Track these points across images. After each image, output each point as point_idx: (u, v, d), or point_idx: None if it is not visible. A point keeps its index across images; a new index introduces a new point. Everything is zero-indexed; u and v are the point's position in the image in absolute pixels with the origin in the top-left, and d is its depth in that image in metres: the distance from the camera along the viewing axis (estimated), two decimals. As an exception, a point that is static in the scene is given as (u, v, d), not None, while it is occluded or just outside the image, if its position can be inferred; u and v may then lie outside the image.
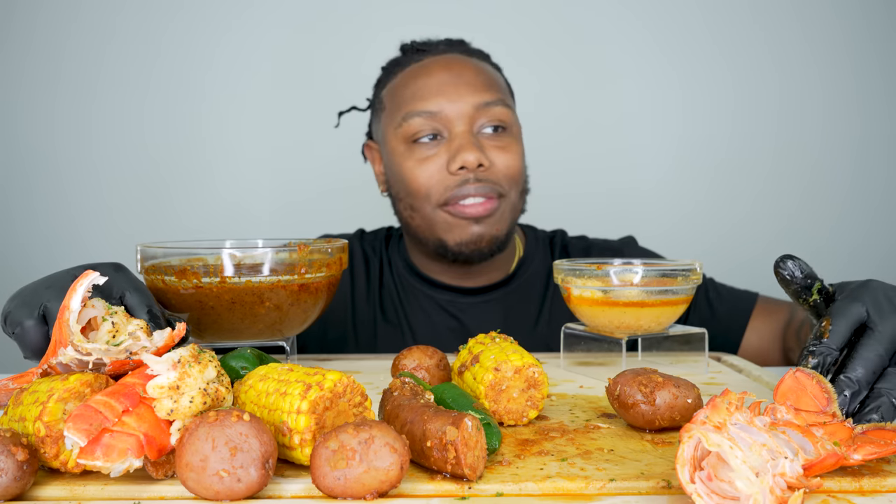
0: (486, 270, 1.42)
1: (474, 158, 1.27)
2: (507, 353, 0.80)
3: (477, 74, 1.34)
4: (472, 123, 1.31)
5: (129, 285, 0.84)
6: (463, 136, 1.30)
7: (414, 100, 1.32)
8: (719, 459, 0.54)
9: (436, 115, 1.30)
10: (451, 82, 1.32)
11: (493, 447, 0.66)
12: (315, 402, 0.62)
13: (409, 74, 1.36)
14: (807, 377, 0.70)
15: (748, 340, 1.36)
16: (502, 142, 1.33)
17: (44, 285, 0.82)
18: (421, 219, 1.35)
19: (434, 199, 1.32)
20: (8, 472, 0.57)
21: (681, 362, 1.11)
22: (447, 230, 1.33)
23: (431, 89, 1.32)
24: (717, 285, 1.43)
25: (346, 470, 0.55)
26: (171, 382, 0.60)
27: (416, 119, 1.31)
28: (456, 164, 1.28)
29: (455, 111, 1.30)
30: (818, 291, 0.79)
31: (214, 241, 1.08)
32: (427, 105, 1.31)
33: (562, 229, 1.57)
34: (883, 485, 0.60)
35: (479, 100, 1.31)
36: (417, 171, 1.32)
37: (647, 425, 0.75)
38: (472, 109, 1.31)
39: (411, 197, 1.34)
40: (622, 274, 1.01)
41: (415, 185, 1.33)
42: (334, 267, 1.02)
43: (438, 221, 1.33)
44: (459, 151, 1.28)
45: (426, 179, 1.31)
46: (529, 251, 1.49)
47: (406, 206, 1.37)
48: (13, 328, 0.79)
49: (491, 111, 1.32)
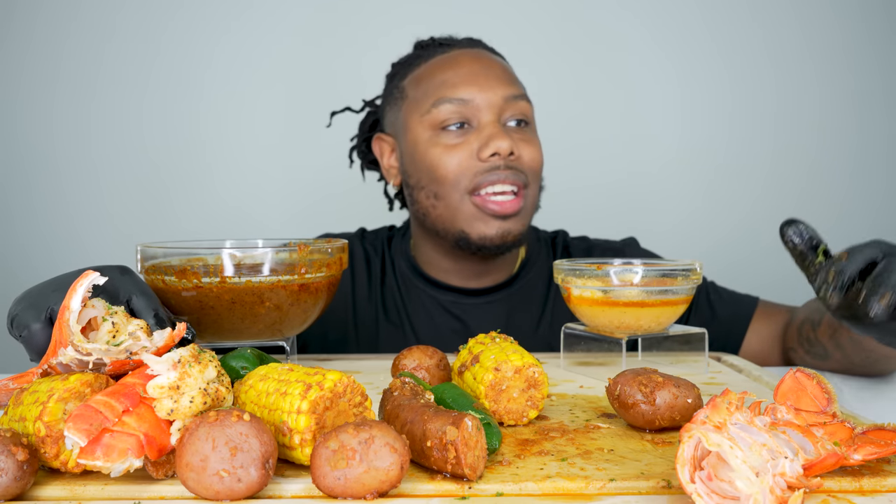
0: (491, 271, 1.42)
1: (507, 146, 1.28)
2: (507, 353, 0.80)
3: (504, 69, 1.38)
4: (500, 114, 1.33)
5: (136, 288, 0.84)
6: (493, 125, 1.31)
7: (444, 87, 1.34)
8: (719, 459, 0.54)
9: (467, 104, 1.32)
10: (481, 73, 1.34)
11: (493, 447, 0.66)
12: (315, 402, 0.62)
13: (435, 64, 1.37)
14: (807, 377, 0.70)
15: (748, 343, 1.36)
16: (526, 135, 1.35)
17: (50, 288, 0.82)
18: (445, 207, 1.34)
19: (463, 186, 1.31)
20: (8, 472, 0.57)
21: (681, 362, 1.11)
22: (471, 222, 1.33)
23: (462, 78, 1.33)
24: (717, 288, 1.44)
25: (347, 470, 0.55)
26: (172, 382, 0.60)
27: (447, 105, 1.32)
28: (489, 151, 1.29)
29: (485, 101, 1.32)
30: (823, 253, 0.79)
31: (214, 242, 1.08)
32: (458, 92, 1.32)
33: (563, 230, 1.57)
34: (883, 485, 0.60)
35: (509, 92, 1.33)
36: (446, 158, 1.32)
37: (647, 425, 0.75)
38: (502, 101, 1.33)
39: (437, 184, 1.33)
40: (622, 274, 1.01)
41: (442, 172, 1.32)
42: (334, 267, 1.02)
43: (464, 211, 1.33)
44: (492, 139, 1.29)
45: (455, 166, 1.31)
46: (532, 252, 1.49)
47: (429, 195, 1.36)
48: (20, 331, 0.79)
49: (518, 105, 1.34)
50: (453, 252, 1.39)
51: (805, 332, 1.21)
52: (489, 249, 1.34)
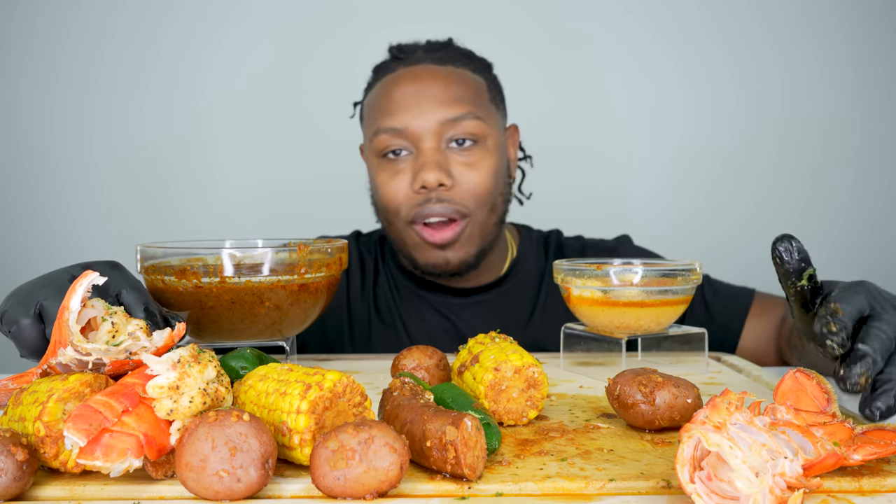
0: (476, 273, 1.43)
1: (434, 178, 1.26)
2: (506, 353, 0.80)
3: (445, 87, 1.31)
4: (438, 139, 1.29)
5: (126, 283, 0.84)
6: (427, 154, 1.28)
7: (382, 115, 1.32)
8: (719, 459, 0.54)
9: (402, 132, 1.29)
10: (415, 97, 1.30)
11: (493, 447, 0.66)
12: (315, 402, 0.62)
13: (381, 87, 1.36)
14: (806, 377, 0.70)
15: (745, 338, 1.36)
16: (471, 157, 1.30)
17: (40, 284, 0.82)
18: (395, 233, 1.37)
19: (402, 216, 1.32)
20: (8, 472, 0.57)
21: (681, 362, 1.11)
22: (417, 249, 1.35)
23: (398, 104, 1.30)
24: (712, 282, 1.43)
25: (346, 470, 0.55)
26: (171, 382, 0.60)
27: (384, 135, 1.31)
28: (417, 184, 1.27)
29: (420, 127, 1.28)
30: (808, 278, 0.78)
31: (214, 241, 1.08)
32: (392, 121, 1.30)
33: (557, 229, 1.57)
34: (883, 485, 0.60)
35: (445, 115, 1.28)
36: (387, 187, 1.32)
37: (646, 425, 0.75)
38: (437, 125, 1.28)
39: (384, 211, 1.36)
40: (622, 274, 1.01)
41: (385, 201, 1.34)
42: (334, 267, 1.02)
43: (408, 239, 1.34)
44: (421, 170, 1.27)
45: (394, 196, 1.32)
46: (523, 251, 1.49)
47: (382, 219, 1.39)
48: (9, 327, 0.79)
49: (458, 126, 1.29)
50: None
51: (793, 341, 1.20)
52: (434, 275, 1.36)
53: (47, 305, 0.79)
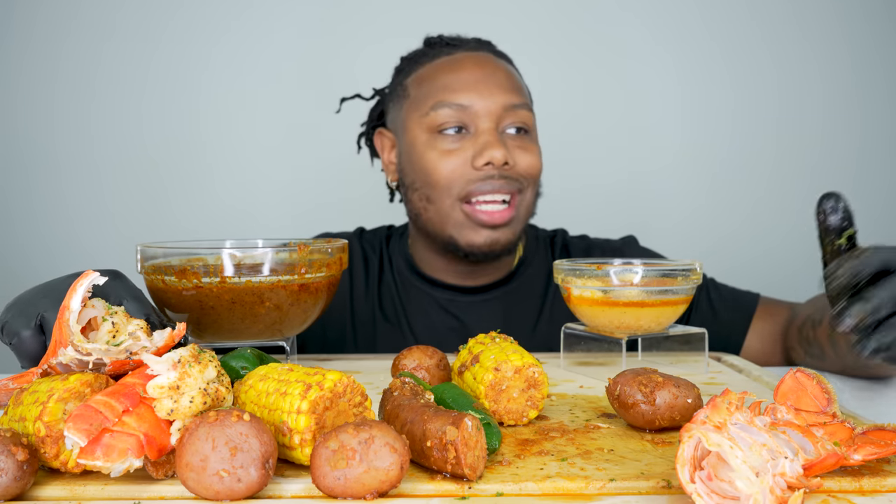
0: (488, 270, 1.42)
1: (501, 155, 1.28)
2: (507, 353, 0.80)
3: (507, 76, 1.36)
4: (498, 122, 1.32)
5: (128, 293, 0.84)
6: (490, 133, 1.31)
7: (444, 91, 1.33)
8: (719, 459, 0.54)
9: (465, 109, 1.31)
10: (483, 79, 1.33)
11: (493, 447, 0.66)
12: (315, 402, 0.62)
13: (439, 66, 1.37)
14: (807, 377, 0.70)
15: (750, 342, 1.36)
16: (524, 143, 1.35)
17: (40, 294, 0.82)
18: (435, 212, 1.34)
19: (455, 193, 1.32)
20: (8, 472, 0.57)
21: (681, 362, 1.11)
22: (460, 229, 1.33)
23: (463, 83, 1.33)
24: (718, 285, 1.43)
25: (346, 470, 0.55)
26: (171, 382, 0.60)
27: (445, 110, 1.32)
28: (482, 160, 1.29)
29: (484, 108, 1.31)
30: (848, 238, 0.77)
31: (214, 241, 1.07)
32: (458, 98, 1.32)
33: (563, 228, 1.57)
34: (883, 485, 0.60)
35: (508, 101, 1.33)
36: (440, 163, 1.32)
37: (647, 425, 0.75)
38: (501, 109, 1.32)
39: (430, 188, 1.34)
40: (622, 274, 1.01)
41: (436, 177, 1.32)
42: (334, 267, 1.02)
43: (454, 218, 1.33)
44: (487, 147, 1.29)
45: (449, 172, 1.31)
46: (530, 251, 1.49)
47: (422, 197, 1.36)
48: (10, 338, 0.79)
49: (517, 113, 1.34)
50: (445, 253, 1.39)
51: (805, 331, 1.20)
52: (477, 256, 1.35)
53: (48, 316, 0.79)
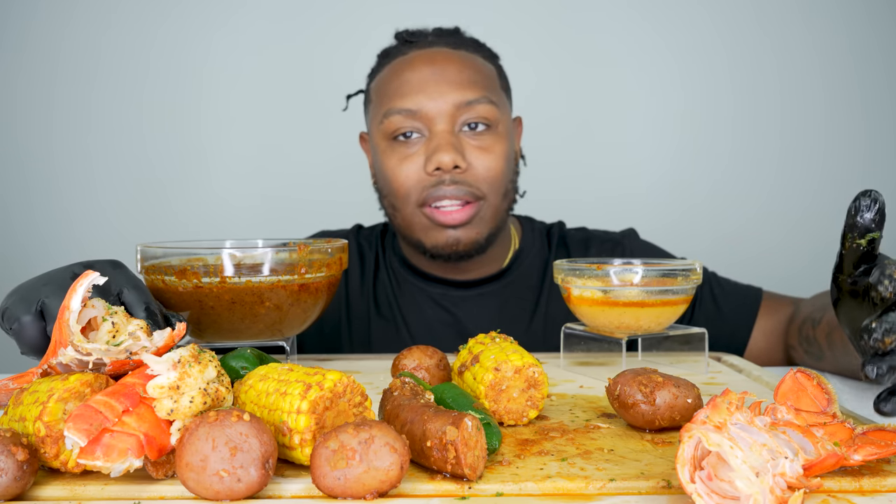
0: (479, 264, 1.41)
1: (449, 160, 1.25)
2: (507, 352, 0.80)
3: (461, 70, 1.31)
4: (452, 122, 1.28)
5: (127, 282, 0.84)
6: (441, 136, 1.27)
7: (395, 96, 1.30)
8: (719, 459, 0.54)
9: (415, 113, 1.28)
10: (431, 79, 1.29)
11: (493, 447, 0.66)
12: (315, 402, 0.62)
13: (393, 69, 1.34)
14: (807, 378, 0.70)
15: (755, 336, 1.34)
16: (484, 142, 1.30)
17: (41, 282, 0.82)
18: (401, 218, 1.35)
19: (413, 199, 1.31)
20: (8, 472, 0.57)
21: (681, 362, 1.11)
22: (425, 231, 1.33)
23: (412, 86, 1.29)
24: (720, 280, 1.42)
25: (346, 470, 0.55)
26: (171, 382, 0.60)
27: (396, 116, 1.29)
28: (431, 165, 1.26)
29: (435, 109, 1.28)
30: (869, 241, 0.75)
31: (214, 241, 1.07)
32: (406, 102, 1.29)
33: (560, 221, 1.55)
34: (883, 485, 0.60)
35: (461, 98, 1.28)
36: (398, 170, 1.31)
37: (647, 425, 0.75)
38: (452, 108, 1.28)
39: (392, 195, 1.34)
40: (622, 274, 1.01)
41: (395, 185, 1.32)
42: (334, 267, 1.02)
43: (417, 222, 1.32)
44: (436, 152, 1.26)
45: (405, 179, 1.30)
46: (525, 243, 1.47)
47: (389, 204, 1.37)
48: (10, 324, 0.80)
49: (473, 109, 1.29)
50: (422, 253, 1.38)
51: (805, 330, 1.20)
52: (443, 257, 1.34)
53: (48, 303, 0.79)
